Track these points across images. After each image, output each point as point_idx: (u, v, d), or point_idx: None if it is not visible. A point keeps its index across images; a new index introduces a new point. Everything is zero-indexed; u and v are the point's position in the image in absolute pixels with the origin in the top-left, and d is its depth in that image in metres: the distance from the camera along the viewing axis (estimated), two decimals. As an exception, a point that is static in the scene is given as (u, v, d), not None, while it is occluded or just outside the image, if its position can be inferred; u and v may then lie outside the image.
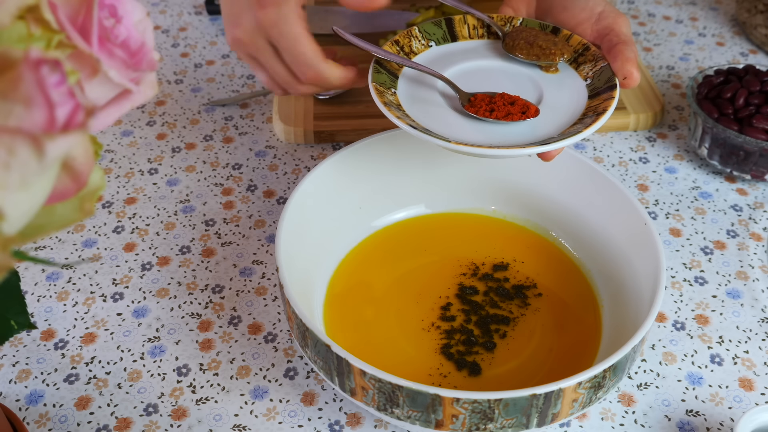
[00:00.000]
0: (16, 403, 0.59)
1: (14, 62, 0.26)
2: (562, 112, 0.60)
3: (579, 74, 0.63)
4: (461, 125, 0.59)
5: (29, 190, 0.26)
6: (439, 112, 0.60)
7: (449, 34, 0.66)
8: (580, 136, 0.55)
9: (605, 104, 0.58)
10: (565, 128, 0.58)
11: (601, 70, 0.61)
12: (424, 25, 0.66)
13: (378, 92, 0.60)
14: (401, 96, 0.61)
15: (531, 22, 0.66)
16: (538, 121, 0.59)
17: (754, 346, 0.63)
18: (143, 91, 0.33)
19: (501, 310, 0.63)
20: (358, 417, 0.58)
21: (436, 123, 0.59)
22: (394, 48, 0.64)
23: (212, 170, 0.79)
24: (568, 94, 0.61)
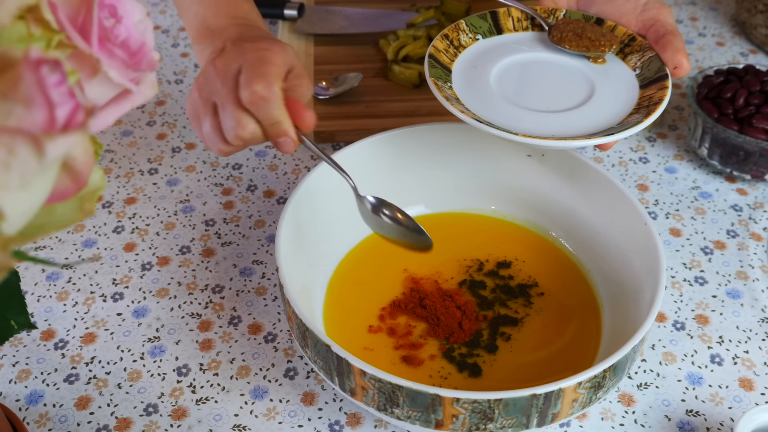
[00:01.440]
0: (16, 403, 0.59)
1: (14, 62, 0.26)
2: (617, 102, 0.61)
3: (627, 65, 0.64)
4: (520, 117, 0.60)
5: (29, 190, 0.26)
6: (496, 104, 0.61)
7: (495, 26, 0.67)
8: (641, 126, 0.57)
9: (660, 94, 0.60)
10: (623, 118, 0.59)
11: (650, 60, 0.62)
12: (470, 18, 0.67)
13: (437, 86, 0.60)
14: (458, 89, 0.62)
15: (574, 14, 0.67)
16: (595, 111, 0.60)
17: (754, 346, 0.63)
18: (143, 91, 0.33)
19: (509, 310, 0.63)
20: (358, 417, 0.58)
21: (495, 115, 0.60)
22: (444, 42, 0.65)
23: (212, 170, 0.79)
24: (619, 84, 0.63)
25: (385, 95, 0.85)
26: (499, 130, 0.56)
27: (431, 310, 0.61)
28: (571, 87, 0.63)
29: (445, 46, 0.64)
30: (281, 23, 0.96)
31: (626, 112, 0.60)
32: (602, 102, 0.61)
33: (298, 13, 0.95)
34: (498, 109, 0.61)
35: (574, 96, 0.62)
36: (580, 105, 0.61)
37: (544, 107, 0.61)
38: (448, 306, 0.62)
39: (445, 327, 0.61)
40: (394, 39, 0.90)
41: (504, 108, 0.61)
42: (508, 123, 0.59)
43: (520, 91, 0.62)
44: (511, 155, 0.68)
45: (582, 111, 0.60)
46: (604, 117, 0.60)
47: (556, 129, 0.59)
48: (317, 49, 0.92)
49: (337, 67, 0.89)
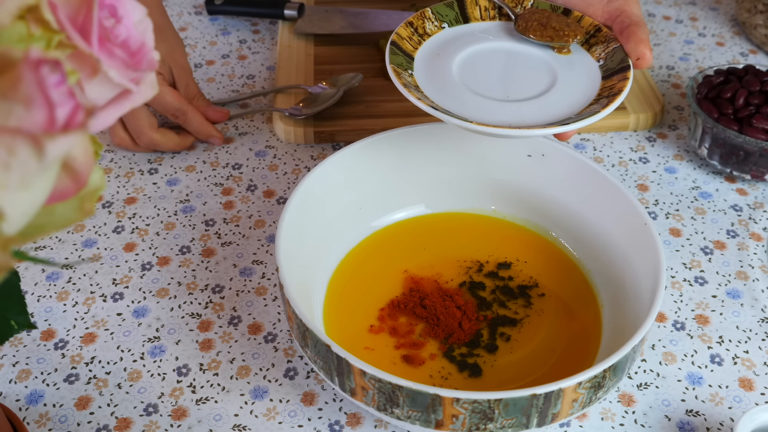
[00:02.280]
0: (16, 403, 0.59)
1: (14, 62, 0.26)
2: (577, 92, 0.61)
3: (591, 55, 0.64)
4: (479, 105, 0.60)
5: (29, 190, 0.26)
6: (456, 92, 0.61)
7: (461, 15, 0.67)
8: (598, 117, 0.56)
9: (620, 84, 0.59)
10: (582, 108, 0.59)
11: (614, 51, 0.62)
12: (436, 6, 0.66)
13: (396, 73, 0.60)
14: (418, 77, 0.62)
15: (542, 3, 0.67)
16: (555, 101, 0.60)
17: (754, 346, 0.63)
18: (143, 91, 0.33)
19: (508, 311, 0.63)
20: (358, 417, 0.58)
21: (454, 103, 0.60)
22: (408, 29, 0.64)
23: (212, 170, 0.79)
24: (582, 74, 0.62)
25: (385, 95, 0.85)
26: (454, 117, 0.57)
27: (431, 310, 0.61)
28: (533, 77, 0.63)
29: (409, 34, 0.64)
30: (281, 23, 0.96)
31: (586, 102, 0.60)
32: (563, 92, 0.61)
33: (298, 13, 0.95)
34: (457, 97, 0.61)
35: (536, 85, 0.62)
36: (541, 95, 0.61)
37: (504, 96, 0.61)
38: (448, 306, 0.62)
39: (445, 327, 0.61)
40: (394, 39, 0.90)
41: (463, 96, 0.61)
42: (465, 111, 0.59)
43: (481, 80, 0.62)
44: (511, 155, 0.68)
45: (542, 100, 0.60)
46: (563, 107, 0.60)
47: (513, 118, 0.59)
48: (317, 49, 0.92)
49: (337, 67, 0.89)
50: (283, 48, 0.92)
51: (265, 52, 0.95)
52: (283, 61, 0.90)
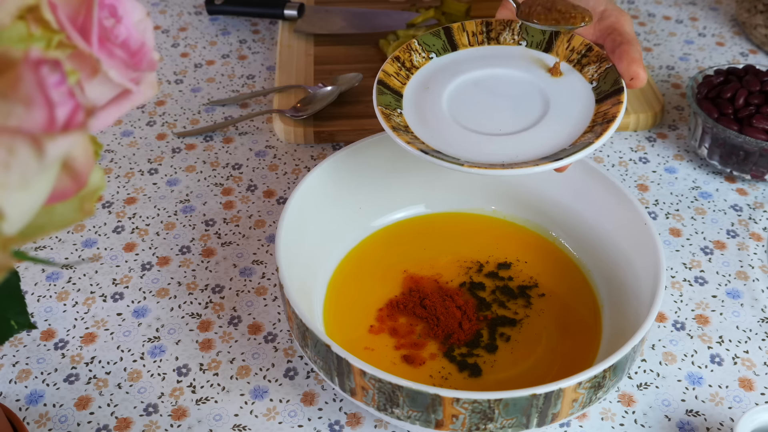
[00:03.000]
0: (16, 403, 0.59)
1: (14, 62, 0.26)
2: (571, 119, 0.59)
3: (584, 76, 0.62)
4: (471, 142, 0.58)
5: (29, 190, 0.26)
6: (447, 128, 0.59)
7: (449, 43, 0.65)
8: (592, 148, 0.55)
9: (614, 110, 0.57)
10: (576, 138, 0.57)
11: (606, 71, 0.60)
12: (423, 37, 0.65)
13: (384, 116, 0.58)
14: (407, 116, 0.60)
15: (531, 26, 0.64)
16: (548, 132, 0.58)
17: (754, 346, 0.63)
18: (143, 91, 0.33)
19: (508, 311, 0.63)
20: (358, 417, 0.58)
21: (445, 142, 0.58)
22: (395, 65, 0.62)
23: (212, 170, 0.79)
24: (575, 99, 0.60)
25: (385, 95, 0.85)
26: (445, 161, 0.55)
27: (431, 311, 0.61)
28: (525, 104, 0.61)
29: (396, 69, 0.62)
30: (281, 23, 0.96)
31: (580, 130, 0.58)
32: (556, 121, 0.59)
33: (298, 13, 0.95)
34: (448, 135, 0.59)
35: (528, 114, 0.60)
36: (534, 125, 0.59)
37: (496, 130, 0.59)
38: (448, 306, 0.62)
39: (445, 327, 0.61)
40: (394, 39, 0.90)
41: (454, 133, 0.59)
42: (456, 151, 0.57)
43: (471, 112, 0.60)
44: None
45: (534, 132, 0.58)
46: (557, 138, 0.58)
47: (506, 154, 0.57)
48: (317, 49, 0.92)
49: (337, 67, 0.89)
50: (283, 48, 0.92)
51: (265, 52, 0.95)
52: (283, 61, 0.90)
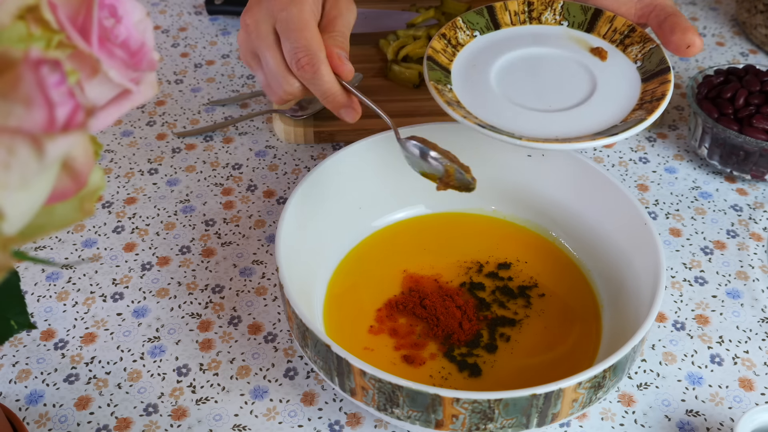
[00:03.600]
0: (16, 403, 0.59)
1: (14, 62, 0.26)
2: (619, 97, 0.60)
3: (628, 57, 0.63)
4: (522, 117, 0.59)
5: (29, 190, 0.26)
6: (497, 104, 0.60)
7: (492, 22, 0.66)
8: (644, 124, 0.56)
9: (662, 88, 0.59)
10: (626, 115, 0.58)
11: (651, 51, 0.62)
12: (466, 15, 0.66)
13: (437, 91, 0.59)
14: (458, 91, 0.61)
15: (573, 5, 0.66)
16: (597, 109, 0.59)
17: (754, 346, 0.63)
18: (143, 91, 0.33)
19: (507, 311, 0.62)
20: (358, 417, 0.58)
21: (497, 117, 0.59)
22: (442, 42, 0.64)
23: (212, 170, 0.79)
24: (621, 78, 0.62)
25: (385, 95, 0.85)
26: (501, 134, 0.56)
27: (431, 311, 0.61)
28: (572, 82, 0.62)
29: (443, 46, 0.63)
30: (281, 23, 0.96)
31: (629, 108, 0.59)
32: (604, 99, 0.60)
33: (298, 13, 0.95)
34: (499, 110, 0.60)
35: (576, 92, 0.61)
36: (582, 102, 0.60)
37: (546, 106, 0.60)
38: (448, 306, 0.62)
39: (445, 327, 0.61)
40: (394, 39, 0.90)
41: (505, 109, 0.60)
42: (510, 125, 0.58)
43: (520, 89, 0.61)
44: (511, 155, 0.68)
45: (584, 109, 0.59)
46: (607, 115, 0.59)
47: (558, 129, 0.58)
48: (317, 49, 0.92)
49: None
50: (283, 48, 0.92)
51: (265, 52, 0.95)
52: (283, 61, 0.90)
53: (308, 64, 0.57)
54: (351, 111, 0.59)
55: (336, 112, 0.59)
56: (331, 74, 0.58)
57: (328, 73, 0.58)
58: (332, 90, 0.58)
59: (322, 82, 0.58)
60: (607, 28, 0.65)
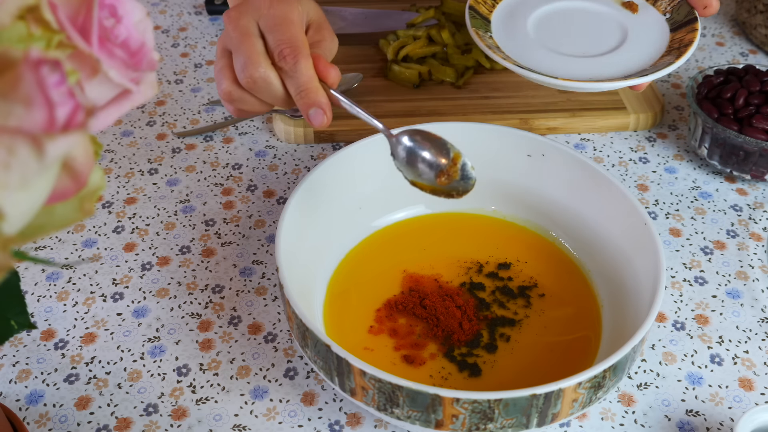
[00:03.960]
0: (16, 403, 0.59)
1: (14, 62, 0.26)
2: (649, 45, 0.67)
3: (657, 9, 0.69)
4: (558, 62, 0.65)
5: (29, 190, 0.26)
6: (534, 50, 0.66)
7: None
8: (673, 67, 0.63)
9: (690, 36, 0.65)
10: (655, 60, 0.65)
11: (679, 4, 0.68)
12: None
13: (478, 36, 0.65)
14: (498, 38, 0.67)
15: None
16: (629, 55, 0.66)
17: (754, 346, 0.63)
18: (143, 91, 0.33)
19: (507, 311, 0.62)
20: (358, 417, 0.58)
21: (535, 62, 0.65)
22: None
23: (212, 170, 0.79)
24: (651, 28, 0.68)
25: (385, 95, 0.85)
26: (539, 74, 0.62)
27: (431, 311, 0.61)
28: (604, 32, 0.68)
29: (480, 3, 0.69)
30: (281, 23, 0.96)
31: (658, 54, 0.66)
32: (635, 45, 0.67)
33: (298, 13, 0.95)
34: (536, 55, 0.66)
35: (608, 41, 0.67)
36: (615, 49, 0.67)
37: (581, 52, 0.66)
38: (448, 306, 0.62)
39: (445, 327, 0.61)
40: (394, 39, 0.90)
41: (542, 54, 0.66)
42: (546, 68, 0.64)
43: (556, 37, 0.68)
44: (511, 155, 0.68)
45: (616, 55, 0.66)
46: (638, 60, 0.65)
47: (592, 72, 0.64)
48: (317, 49, 0.92)
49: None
50: (283, 48, 0.92)
51: (265, 52, 0.95)
52: (283, 61, 0.90)
53: (290, 54, 0.56)
54: (320, 114, 0.57)
55: (305, 112, 0.57)
56: (311, 70, 0.57)
57: (308, 67, 0.57)
58: (308, 84, 0.57)
59: (300, 74, 0.56)
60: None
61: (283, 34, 0.57)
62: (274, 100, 0.58)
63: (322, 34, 0.61)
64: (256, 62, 0.56)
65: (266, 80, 0.57)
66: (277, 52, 0.57)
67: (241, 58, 0.57)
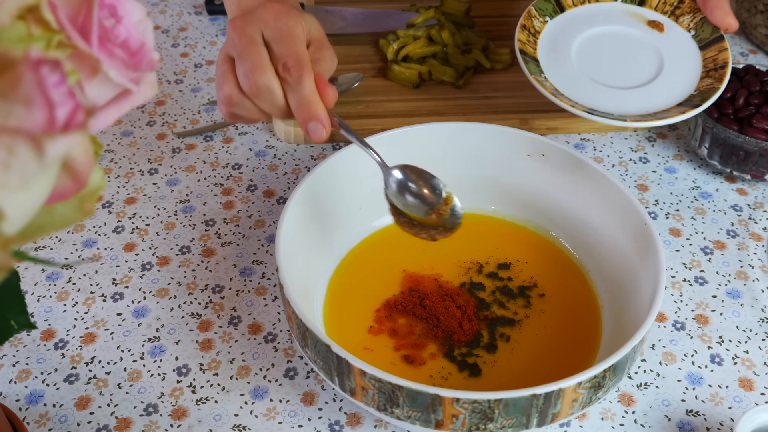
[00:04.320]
0: (16, 403, 0.59)
1: (14, 62, 0.26)
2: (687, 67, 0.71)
3: (681, 26, 0.72)
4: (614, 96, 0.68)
5: (29, 190, 0.26)
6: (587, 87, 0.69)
7: (557, 5, 0.74)
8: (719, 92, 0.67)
9: (722, 56, 0.69)
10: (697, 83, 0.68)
11: (702, 21, 0.71)
12: (537, 3, 0.74)
13: (539, 83, 0.67)
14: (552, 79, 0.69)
15: None
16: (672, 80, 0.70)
17: (754, 346, 0.63)
18: (143, 91, 0.33)
19: (507, 311, 0.62)
20: (358, 417, 0.58)
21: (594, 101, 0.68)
22: (524, 33, 0.72)
23: (212, 170, 0.79)
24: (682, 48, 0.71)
25: (385, 95, 0.85)
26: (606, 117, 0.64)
27: (431, 311, 0.61)
28: (642, 58, 0.71)
29: (527, 37, 0.71)
30: (281, 23, 0.96)
31: (697, 76, 0.69)
32: (674, 70, 0.70)
33: (298, 13, 0.95)
34: (593, 93, 0.69)
35: (648, 65, 0.71)
36: (657, 75, 0.70)
37: (628, 83, 0.69)
38: (448, 306, 0.62)
39: (445, 327, 0.61)
40: (394, 39, 0.90)
41: (598, 92, 0.69)
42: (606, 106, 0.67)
43: (601, 69, 0.71)
44: (511, 155, 0.68)
45: (661, 81, 0.69)
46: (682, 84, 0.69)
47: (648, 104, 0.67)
48: (317, 49, 0.92)
49: (337, 67, 0.89)
50: (283, 48, 0.92)
51: (265, 52, 0.95)
52: (283, 61, 0.90)
53: (294, 67, 0.57)
54: (320, 128, 0.57)
55: (304, 126, 0.57)
56: (313, 84, 0.57)
57: (310, 81, 0.57)
58: (310, 98, 0.57)
59: (303, 87, 0.57)
60: (657, 0, 0.73)
61: (288, 47, 0.57)
62: (274, 109, 0.59)
63: (322, 53, 0.61)
64: (262, 69, 0.57)
65: (269, 88, 0.57)
66: (281, 63, 0.57)
67: (247, 64, 0.57)
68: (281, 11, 0.59)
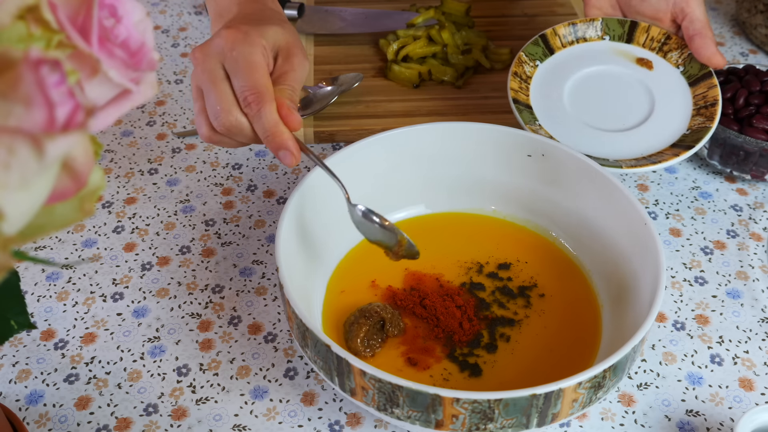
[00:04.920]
0: (16, 403, 0.59)
1: (14, 62, 0.26)
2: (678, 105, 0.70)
3: (669, 62, 0.71)
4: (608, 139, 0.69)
5: (29, 190, 0.26)
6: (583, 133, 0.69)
7: (547, 49, 0.74)
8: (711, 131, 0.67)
9: (712, 93, 0.69)
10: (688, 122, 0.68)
11: (690, 57, 0.71)
12: (527, 48, 0.74)
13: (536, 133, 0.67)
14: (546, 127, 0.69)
15: (611, 20, 0.74)
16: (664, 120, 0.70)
17: (754, 346, 0.63)
18: (143, 91, 0.33)
19: (507, 311, 0.62)
20: (358, 417, 0.58)
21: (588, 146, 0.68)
22: (516, 80, 0.71)
23: (212, 170, 0.79)
24: (672, 86, 0.71)
25: (385, 95, 0.85)
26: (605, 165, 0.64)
27: (431, 310, 0.61)
28: (633, 98, 0.71)
29: (518, 84, 0.70)
30: (281, 23, 0.96)
31: (688, 115, 0.69)
32: (665, 109, 0.70)
33: (298, 13, 0.95)
34: (588, 139, 0.69)
35: (640, 105, 0.71)
36: (649, 116, 0.70)
37: (622, 125, 0.69)
38: (448, 306, 0.62)
39: (445, 327, 0.61)
40: (394, 39, 0.90)
41: (592, 136, 0.69)
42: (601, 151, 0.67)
43: (594, 113, 0.71)
44: (511, 155, 0.68)
45: (654, 122, 0.69)
46: (674, 124, 0.69)
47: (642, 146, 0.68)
48: (317, 49, 0.92)
49: (337, 67, 0.89)
50: (283, 48, 0.92)
51: (265, 52, 0.95)
52: (283, 61, 0.90)
53: (254, 102, 0.57)
54: (289, 155, 0.58)
55: (275, 153, 0.59)
56: (275, 114, 0.58)
57: (271, 112, 0.58)
58: (273, 129, 0.58)
59: (265, 119, 0.58)
60: (644, 37, 0.72)
61: (246, 81, 0.58)
62: (249, 140, 0.60)
63: (290, 63, 0.61)
64: (227, 110, 0.58)
65: (239, 126, 0.58)
66: (242, 98, 0.58)
67: (214, 106, 0.58)
68: (236, 38, 0.59)
